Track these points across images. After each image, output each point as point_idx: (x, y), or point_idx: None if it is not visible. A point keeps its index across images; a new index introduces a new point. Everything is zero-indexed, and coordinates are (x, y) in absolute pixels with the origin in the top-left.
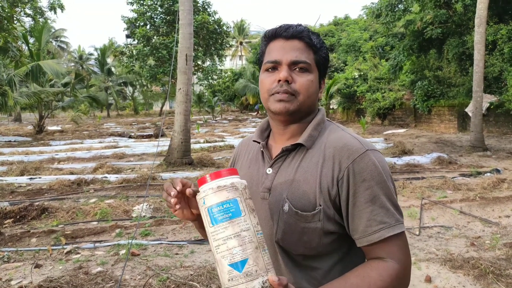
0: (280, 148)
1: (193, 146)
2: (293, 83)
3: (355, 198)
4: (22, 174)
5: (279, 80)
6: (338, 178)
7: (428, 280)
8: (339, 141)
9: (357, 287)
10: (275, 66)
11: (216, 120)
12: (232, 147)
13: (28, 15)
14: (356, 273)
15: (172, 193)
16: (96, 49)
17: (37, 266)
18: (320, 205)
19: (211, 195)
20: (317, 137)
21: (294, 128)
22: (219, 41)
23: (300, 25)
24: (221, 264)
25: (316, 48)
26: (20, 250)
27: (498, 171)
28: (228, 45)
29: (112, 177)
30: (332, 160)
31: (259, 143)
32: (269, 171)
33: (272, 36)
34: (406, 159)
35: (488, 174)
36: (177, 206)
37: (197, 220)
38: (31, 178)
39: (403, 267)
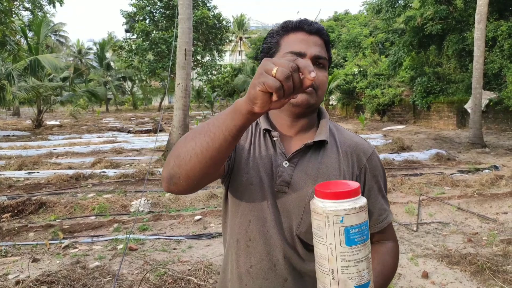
0: (292, 141)
1: None
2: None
3: (370, 191)
4: (20, 169)
5: None
6: (356, 175)
7: (425, 275)
8: (351, 139)
9: (382, 273)
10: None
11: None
12: None
13: (26, 9)
14: (376, 261)
15: (312, 75)
16: (95, 44)
17: (35, 260)
18: None
19: (353, 215)
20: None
21: (304, 122)
22: (219, 36)
23: (317, 22)
24: (345, 284)
25: (329, 46)
26: (18, 244)
27: (496, 167)
28: (227, 40)
29: (111, 172)
30: (350, 157)
31: (270, 131)
32: (286, 164)
33: (294, 28)
34: (405, 155)
35: (487, 170)
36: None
37: (250, 119)
38: (29, 173)
39: (397, 243)
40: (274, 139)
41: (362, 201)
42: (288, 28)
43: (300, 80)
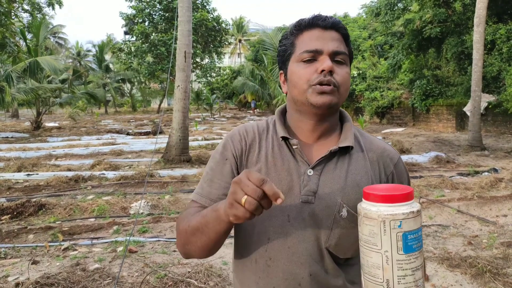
0: (314, 147)
1: (191, 143)
2: (335, 75)
3: None
4: (19, 170)
5: (322, 71)
6: (383, 181)
7: (426, 278)
8: (377, 145)
9: None
10: (314, 56)
11: (214, 118)
12: None
13: (26, 11)
14: None
15: (279, 201)
16: (94, 46)
17: (34, 262)
18: None
19: (411, 219)
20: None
21: (326, 125)
22: (218, 39)
23: (332, 16)
24: None
25: (348, 40)
26: (17, 246)
27: (495, 170)
28: (226, 43)
29: (110, 174)
30: (377, 164)
31: (287, 139)
32: (310, 172)
33: (307, 25)
34: (404, 158)
35: (486, 173)
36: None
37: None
38: (28, 175)
39: None
40: (294, 147)
41: (417, 205)
42: (302, 26)
43: (269, 203)
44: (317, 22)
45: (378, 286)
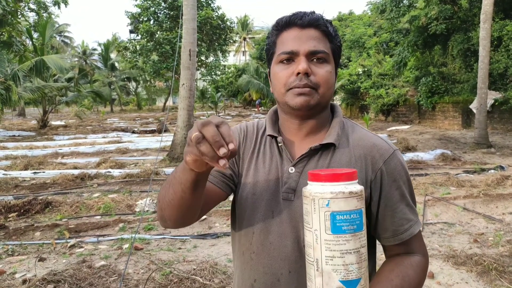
0: (300, 145)
1: None
2: (313, 76)
3: (387, 199)
4: (26, 169)
5: (298, 73)
6: (371, 179)
7: (431, 276)
8: (366, 140)
9: (401, 287)
10: (290, 57)
11: (219, 116)
12: None
13: (32, 10)
14: (395, 273)
15: (222, 152)
16: (99, 44)
17: (41, 259)
18: None
19: (340, 199)
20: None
21: (312, 123)
22: (223, 37)
23: (314, 12)
24: (329, 277)
25: (332, 36)
26: (24, 244)
27: (502, 168)
28: (231, 41)
29: (116, 172)
30: (363, 160)
31: (275, 137)
32: (292, 170)
33: (285, 25)
34: (410, 155)
35: (492, 171)
36: (223, 163)
37: (198, 175)
38: (35, 173)
39: (427, 259)
40: (279, 144)
41: (355, 187)
42: (279, 26)
43: (217, 142)
44: (295, 21)
45: (310, 265)
